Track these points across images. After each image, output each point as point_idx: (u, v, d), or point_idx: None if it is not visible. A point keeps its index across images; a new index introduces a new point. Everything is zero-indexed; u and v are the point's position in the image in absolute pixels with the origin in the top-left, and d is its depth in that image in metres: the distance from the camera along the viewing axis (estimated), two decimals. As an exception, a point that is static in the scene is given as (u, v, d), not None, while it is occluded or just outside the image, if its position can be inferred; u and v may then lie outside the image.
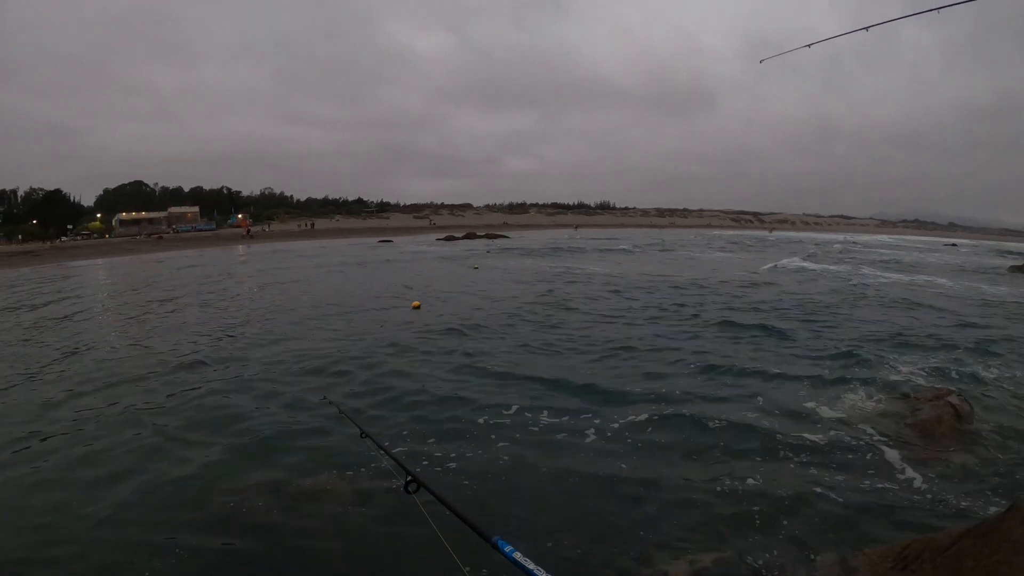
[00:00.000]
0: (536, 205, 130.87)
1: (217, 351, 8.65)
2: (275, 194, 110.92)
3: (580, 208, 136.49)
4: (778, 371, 7.23)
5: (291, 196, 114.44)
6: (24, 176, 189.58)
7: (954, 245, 59.70)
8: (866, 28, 6.37)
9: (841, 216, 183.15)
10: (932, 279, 20.90)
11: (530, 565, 0.49)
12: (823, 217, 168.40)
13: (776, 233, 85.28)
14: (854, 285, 17.71)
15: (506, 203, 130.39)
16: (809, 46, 7.18)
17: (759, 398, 6.21)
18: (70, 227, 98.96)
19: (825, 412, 5.77)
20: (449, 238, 52.27)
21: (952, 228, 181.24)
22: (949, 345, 8.85)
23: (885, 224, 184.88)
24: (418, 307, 11.74)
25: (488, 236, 54.34)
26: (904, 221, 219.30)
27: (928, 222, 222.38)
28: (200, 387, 6.76)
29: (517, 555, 0.52)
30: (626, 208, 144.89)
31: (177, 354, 8.49)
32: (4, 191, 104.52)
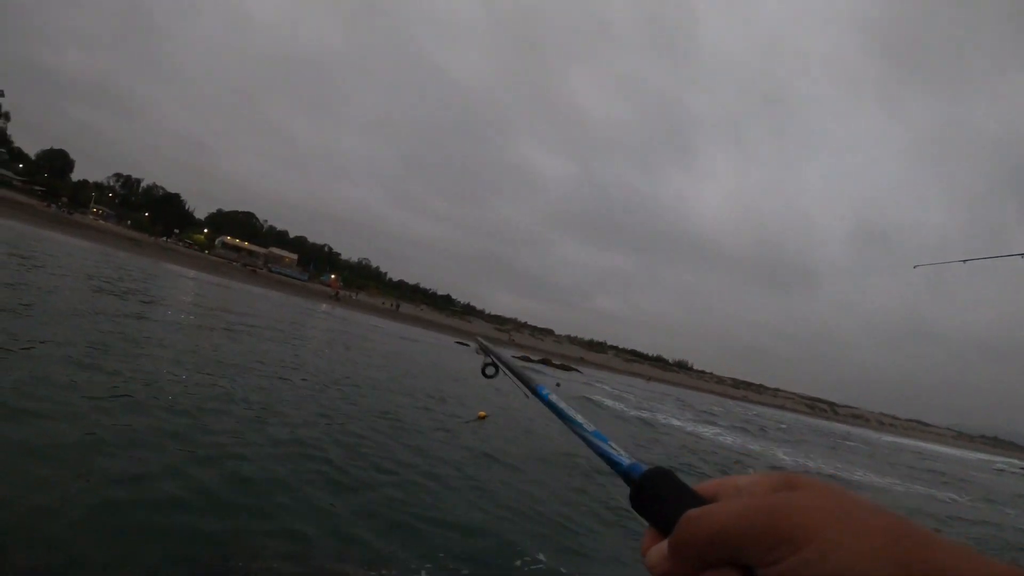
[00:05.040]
0: (615, 348, 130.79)
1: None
2: (371, 266, 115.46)
3: (658, 361, 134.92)
4: None
5: (385, 273, 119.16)
6: (150, 171, 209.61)
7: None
8: (1022, 255, 6.37)
9: (917, 421, 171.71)
10: None
11: (562, 404, 0.57)
12: (899, 419, 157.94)
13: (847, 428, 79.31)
14: None
15: (587, 338, 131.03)
16: (964, 261, 7.23)
17: None
18: (176, 231, 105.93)
19: None
20: (525, 359, 51.49)
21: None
22: None
23: (962, 437, 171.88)
24: (484, 417, 11.39)
25: (562, 367, 53.28)
26: (983, 436, 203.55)
27: (1007, 441, 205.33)
28: None
29: (552, 397, 0.62)
30: (702, 371, 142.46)
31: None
32: (130, 177, 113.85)
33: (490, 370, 1.03)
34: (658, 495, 0.40)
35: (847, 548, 0.27)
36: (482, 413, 11.69)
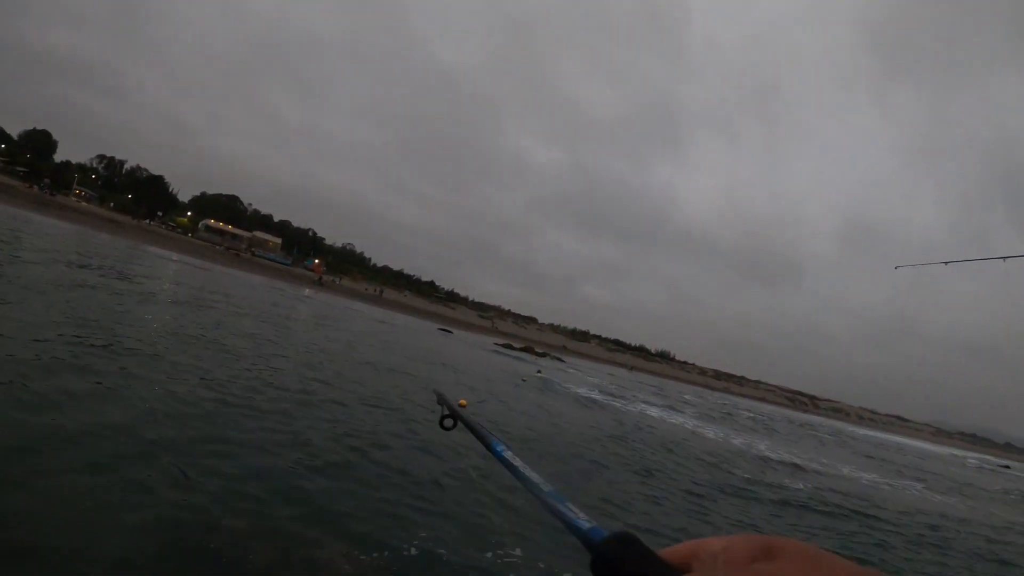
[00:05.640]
0: (598, 337, 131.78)
1: None
2: (355, 251, 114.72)
3: (640, 351, 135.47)
4: None
5: (369, 258, 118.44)
6: (134, 152, 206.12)
7: (1007, 467, 52.70)
8: (1003, 258, 6.36)
9: (897, 416, 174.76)
10: None
11: (517, 462, 0.52)
12: (878, 414, 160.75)
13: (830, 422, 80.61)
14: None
15: (570, 327, 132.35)
16: (946, 263, 7.21)
17: None
18: (159, 214, 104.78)
19: None
20: (507, 346, 52.07)
21: (1007, 448, 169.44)
22: None
23: (940, 433, 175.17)
24: (464, 405, 11.71)
25: (543, 355, 53.90)
26: (961, 433, 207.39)
27: (984, 438, 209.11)
28: None
29: (507, 454, 0.58)
30: (685, 362, 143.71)
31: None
32: (113, 158, 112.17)
33: (448, 422, 0.97)
34: (622, 563, 0.36)
35: None
36: (463, 401, 12.24)
